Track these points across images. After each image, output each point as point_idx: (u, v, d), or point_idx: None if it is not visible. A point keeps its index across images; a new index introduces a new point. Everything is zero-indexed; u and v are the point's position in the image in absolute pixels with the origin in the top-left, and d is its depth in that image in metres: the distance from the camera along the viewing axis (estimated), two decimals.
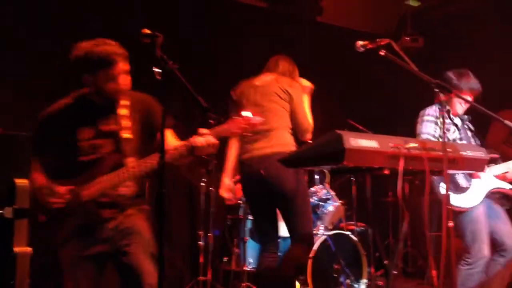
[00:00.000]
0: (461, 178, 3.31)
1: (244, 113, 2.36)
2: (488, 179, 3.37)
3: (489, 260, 3.31)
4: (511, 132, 4.26)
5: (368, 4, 6.23)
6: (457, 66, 3.57)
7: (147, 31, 2.09)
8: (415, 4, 6.16)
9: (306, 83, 3.47)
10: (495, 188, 3.38)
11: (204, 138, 2.27)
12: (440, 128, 3.29)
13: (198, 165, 4.36)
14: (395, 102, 6.12)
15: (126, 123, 2.42)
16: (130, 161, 2.35)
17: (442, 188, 3.23)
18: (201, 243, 4.23)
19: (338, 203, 4.43)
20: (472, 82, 3.37)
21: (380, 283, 4.61)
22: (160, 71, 1.90)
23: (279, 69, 3.39)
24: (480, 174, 3.31)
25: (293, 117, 3.28)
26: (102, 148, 2.39)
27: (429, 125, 3.35)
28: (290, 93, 3.27)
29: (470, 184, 3.29)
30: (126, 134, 2.40)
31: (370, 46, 2.66)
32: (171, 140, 2.47)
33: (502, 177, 3.43)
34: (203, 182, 4.34)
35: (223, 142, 2.70)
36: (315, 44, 5.86)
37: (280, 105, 3.25)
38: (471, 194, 3.30)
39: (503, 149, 4.25)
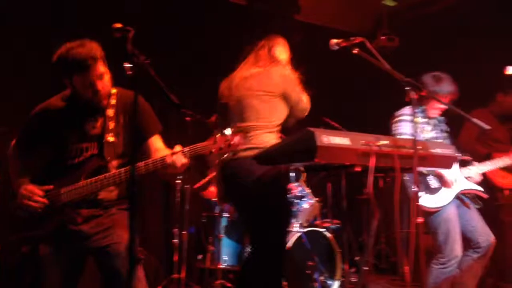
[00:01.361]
0: (432, 179, 3.37)
1: (227, 132, 2.31)
2: (459, 180, 3.44)
3: (463, 255, 3.38)
4: (483, 131, 4.36)
5: (345, 3, 6.27)
6: (431, 66, 3.63)
7: (119, 25, 2.06)
8: (392, 4, 6.23)
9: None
10: (465, 190, 3.46)
11: (175, 157, 2.24)
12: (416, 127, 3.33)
13: None
14: (370, 100, 6.19)
15: (111, 125, 2.39)
16: (114, 166, 2.33)
17: (412, 188, 3.27)
18: (175, 240, 4.21)
19: (313, 200, 4.45)
20: (448, 86, 3.44)
21: (354, 279, 4.65)
22: (131, 66, 1.87)
23: (261, 57, 3.12)
24: (451, 179, 3.38)
25: (288, 104, 3.01)
26: (86, 151, 2.37)
27: (405, 125, 3.41)
28: (279, 83, 2.95)
29: (441, 185, 3.36)
30: (110, 137, 2.37)
31: (344, 44, 2.68)
32: (158, 146, 2.45)
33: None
34: (178, 179, 4.32)
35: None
36: (292, 42, 5.87)
37: (263, 100, 2.91)
38: (442, 194, 3.36)
39: (475, 148, 4.35)
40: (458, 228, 3.36)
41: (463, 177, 3.47)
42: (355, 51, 2.60)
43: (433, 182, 3.38)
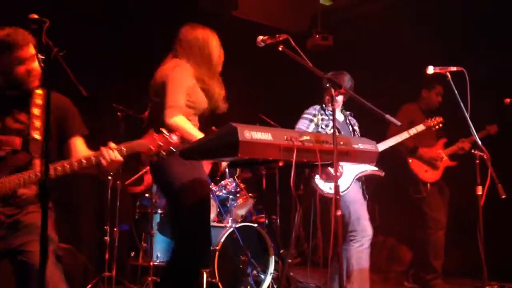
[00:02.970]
0: (331, 167, 3.50)
1: (163, 130, 2.29)
2: (355, 165, 3.59)
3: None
4: (410, 124, 4.56)
5: (283, 0, 6.36)
6: (363, 65, 3.79)
7: (35, 16, 2.00)
8: (327, 3, 6.38)
9: None
10: (362, 172, 3.61)
11: (112, 154, 2.21)
12: (316, 124, 3.55)
13: None
14: (307, 98, 6.30)
15: (37, 123, 2.32)
16: (38, 164, 2.25)
17: (317, 179, 3.47)
18: (106, 238, 4.13)
19: (247, 196, 4.50)
20: (345, 83, 3.62)
21: (290, 274, 4.75)
22: (44, 58, 1.82)
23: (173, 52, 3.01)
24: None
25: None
26: (7, 145, 2.27)
27: (303, 121, 3.61)
28: (163, 79, 2.83)
29: (341, 172, 3.49)
30: (36, 135, 2.30)
31: (269, 41, 2.71)
32: (79, 149, 2.40)
33: None
34: (109, 176, 4.24)
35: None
36: (230, 38, 5.88)
37: (157, 99, 2.85)
38: (342, 180, 3.51)
39: (402, 141, 4.54)
40: (365, 208, 3.57)
41: None
42: (280, 48, 2.65)
43: (333, 170, 3.51)
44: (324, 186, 3.52)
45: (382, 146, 3.79)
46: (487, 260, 3.21)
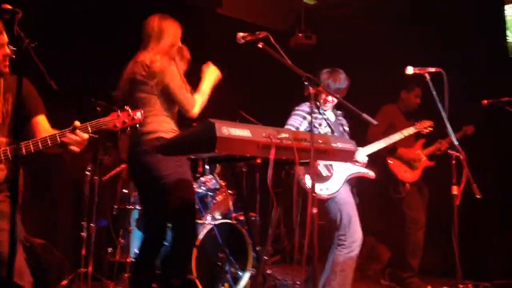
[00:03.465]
0: (322, 168, 3.50)
1: (127, 108, 2.35)
2: (346, 167, 3.58)
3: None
4: (390, 126, 4.61)
5: None
6: (346, 64, 3.79)
7: (8, 6, 1.97)
8: (311, 2, 6.38)
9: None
10: (353, 173, 3.60)
11: (75, 133, 2.21)
12: (308, 122, 3.44)
13: (83, 153, 4.18)
14: (290, 95, 6.31)
15: None
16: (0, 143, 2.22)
17: (307, 179, 3.39)
18: (83, 234, 4.08)
19: (226, 193, 4.48)
20: (341, 82, 3.59)
21: (268, 271, 4.75)
22: (15, 49, 1.79)
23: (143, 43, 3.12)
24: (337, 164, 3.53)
25: (172, 98, 3.02)
26: None
27: (295, 118, 3.53)
28: (154, 71, 2.95)
29: (331, 173, 3.49)
30: None
31: (249, 38, 2.71)
32: (45, 127, 2.39)
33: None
34: (88, 171, 4.19)
35: None
36: (213, 35, 5.87)
37: (146, 92, 2.98)
38: (333, 181, 3.50)
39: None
40: (356, 211, 3.50)
41: (347, 164, 3.58)
42: (260, 45, 2.64)
43: (323, 171, 3.51)
44: (317, 187, 3.43)
45: (370, 149, 3.81)
46: (462, 259, 3.25)
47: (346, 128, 3.75)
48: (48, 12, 4.53)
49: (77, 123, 2.26)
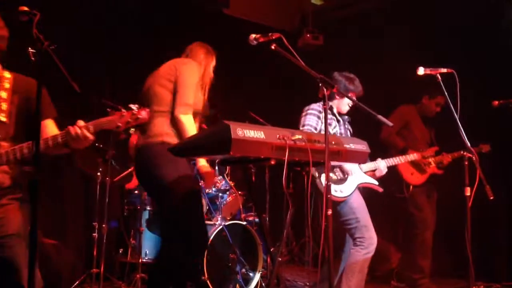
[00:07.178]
0: (338, 171, 3.53)
1: (131, 106, 2.26)
2: (359, 174, 3.61)
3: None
4: (404, 126, 4.62)
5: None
6: (353, 65, 3.79)
7: (25, 8, 1.97)
8: (318, 2, 6.39)
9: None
10: (364, 183, 3.63)
11: (79, 131, 2.18)
12: (322, 122, 3.45)
13: (94, 154, 4.21)
14: (296, 96, 6.32)
15: (4, 105, 2.28)
16: (4, 146, 2.22)
17: (322, 180, 3.38)
18: (95, 234, 4.10)
19: (236, 194, 4.49)
20: (356, 86, 3.62)
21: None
22: (35, 51, 1.80)
23: (185, 53, 3.20)
24: (350, 168, 3.55)
25: (175, 88, 2.98)
26: None
27: (312, 118, 3.51)
28: (176, 68, 3.01)
29: (345, 177, 3.51)
30: (2, 117, 2.27)
31: (262, 39, 2.69)
32: (51, 130, 2.37)
33: (371, 174, 3.70)
34: (99, 172, 4.20)
35: None
36: (221, 36, 5.88)
37: (165, 88, 2.99)
38: (347, 184, 3.52)
39: (395, 140, 4.58)
40: (368, 214, 3.52)
41: (361, 172, 3.64)
42: (273, 47, 2.63)
43: (338, 174, 3.54)
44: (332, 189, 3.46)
45: (385, 163, 3.81)
46: (474, 260, 3.24)
47: (351, 133, 3.78)
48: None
49: (80, 122, 2.22)
